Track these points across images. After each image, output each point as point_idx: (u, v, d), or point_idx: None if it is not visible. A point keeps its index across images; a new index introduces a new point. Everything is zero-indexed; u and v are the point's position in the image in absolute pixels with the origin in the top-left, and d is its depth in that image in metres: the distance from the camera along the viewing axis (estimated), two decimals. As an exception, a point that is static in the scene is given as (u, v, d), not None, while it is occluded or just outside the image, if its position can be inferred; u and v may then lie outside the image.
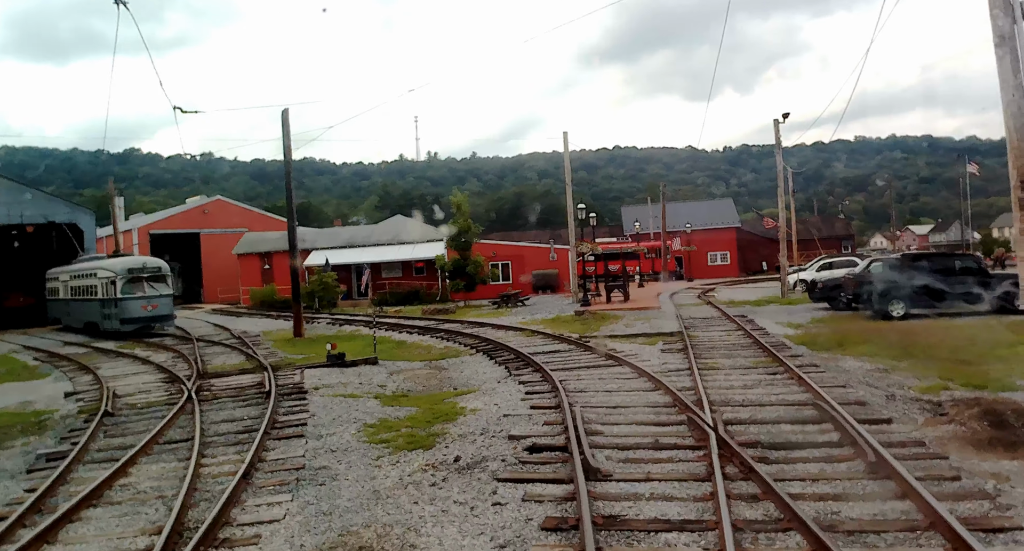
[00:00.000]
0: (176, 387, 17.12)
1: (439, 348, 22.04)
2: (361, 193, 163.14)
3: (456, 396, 14.33)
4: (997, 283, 23.44)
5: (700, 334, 20.81)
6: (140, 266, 32.18)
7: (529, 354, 17.87)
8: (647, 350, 18.27)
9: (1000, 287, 23.08)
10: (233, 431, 12.13)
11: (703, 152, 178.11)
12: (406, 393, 15.42)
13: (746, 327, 21.56)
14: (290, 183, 28.21)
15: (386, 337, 25.74)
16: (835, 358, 16.21)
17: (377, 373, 18.17)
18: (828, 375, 13.68)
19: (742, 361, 15.71)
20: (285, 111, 27.94)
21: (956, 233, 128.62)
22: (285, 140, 27.80)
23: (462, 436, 10.65)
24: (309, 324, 33.46)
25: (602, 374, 14.88)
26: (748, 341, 18.86)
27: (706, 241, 65.70)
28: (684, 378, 13.91)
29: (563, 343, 20.10)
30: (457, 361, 19.48)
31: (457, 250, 40.35)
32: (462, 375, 17.21)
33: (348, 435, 11.37)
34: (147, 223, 57.38)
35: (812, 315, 25.87)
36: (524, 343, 20.71)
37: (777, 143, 32.80)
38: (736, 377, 13.86)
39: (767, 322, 23.89)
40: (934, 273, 24.38)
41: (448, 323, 28.43)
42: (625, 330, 22.80)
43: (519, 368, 16.44)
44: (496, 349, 19.74)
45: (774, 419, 10.45)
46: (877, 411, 10.88)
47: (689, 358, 15.83)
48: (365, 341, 25.27)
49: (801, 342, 18.72)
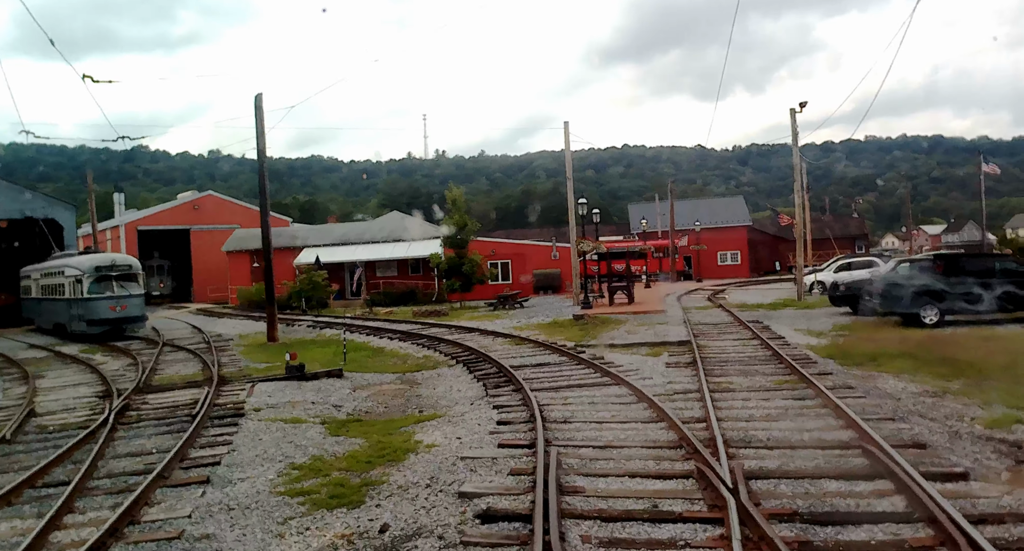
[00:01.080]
0: (105, 405, 14.67)
1: (417, 357, 19.49)
2: (368, 191, 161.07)
3: (417, 423, 11.77)
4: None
5: (711, 344, 18.19)
6: (108, 264, 29.76)
7: (513, 367, 15.32)
8: (650, 364, 15.67)
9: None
10: (129, 470, 9.63)
11: (712, 151, 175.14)
12: (361, 417, 12.88)
13: (762, 335, 18.93)
14: (263, 172, 25.75)
15: (363, 344, 23.25)
16: (871, 376, 13.58)
17: (339, 389, 15.66)
18: (869, 402, 11.05)
19: (761, 380, 13.08)
20: (258, 96, 25.51)
21: (969, 233, 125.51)
22: (258, 125, 25.35)
23: (402, 489, 8.09)
24: (289, 326, 31.05)
25: (594, 397, 12.29)
26: (766, 353, 16.24)
27: (716, 240, 62.82)
28: (693, 404, 11.31)
29: (555, 354, 17.51)
30: (433, 374, 16.94)
31: (453, 248, 37.79)
32: (433, 393, 14.67)
33: (264, 482, 8.84)
34: (135, 219, 55.00)
35: (834, 321, 23.22)
36: (511, 353, 18.15)
37: (794, 135, 30.12)
38: (756, 403, 11.25)
39: (785, 329, 21.26)
40: (971, 275, 21.73)
41: (435, 327, 25.89)
42: (627, 338, 20.19)
43: (499, 386, 13.88)
44: (478, 361, 17.18)
45: (812, 471, 7.83)
46: (944, 457, 8.26)
47: (699, 376, 13.24)
48: (350, 347, 22.78)
49: (828, 355, 16.09)
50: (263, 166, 25.62)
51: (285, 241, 47.70)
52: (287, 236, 48.76)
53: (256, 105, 25.38)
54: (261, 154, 25.40)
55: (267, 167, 25.52)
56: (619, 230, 70.34)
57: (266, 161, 25.58)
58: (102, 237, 54.32)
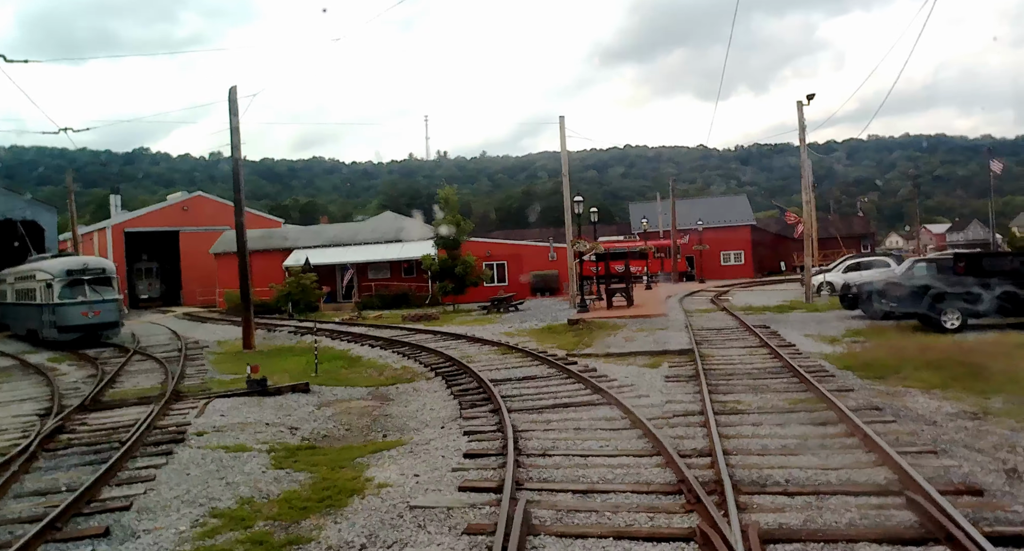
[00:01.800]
0: (41, 426, 13.04)
1: (395, 369, 17.80)
2: (369, 192, 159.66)
3: (375, 452, 10.11)
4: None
5: (715, 353, 16.50)
6: (81, 267, 28.10)
7: (494, 382, 13.66)
8: (647, 377, 13.98)
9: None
10: (24, 516, 7.99)
11: (714, 151, 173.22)
12: (316, 443, 11.22)
13: (771, 342, 17.24)
14: (239, 169, 24.10)
15: (342, 352, 21.61)
16: (897, 392, 11.89)
17: (302, 406, 14.01)
18: (903, 429, 9.35)
19: (774, 399, 11.38)
20: (232, 88, 23.88)
21: (974, 232, 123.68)
22: (232, 119, 23.73)
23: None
24: (271, 332, 29.42)
25: (580, 420, 10.60)
26: (777, 364, 14.55)
27: (719, 240, 60.96)
28: (695, 431, 9.63)
29: (543, 365, 15.82)
30: (408, 388, 15.27)
31: (446, 249, 36.12)
32: (403, 412, 13.01)
33: (171, 536, 7.18)
34: (121, 221, 53.34)
35: (846, 325, 21.51)
36: (495, 364, 16.47)
37: (801, 128, 28.38)
38: (769, 430, 9.55)
39: (795, 335, 19.56)
40: (994, 275, 20.03)
41: (421, 333, 24.21)
42: (623, 346, 18.50)
43: (475, 405, 12.22)
44: (458, 374, 15.51)
45: (846, 530, 6.14)
46: (1008, 508, 6.57)
47: (702, 393, 11.55)
48: (327, 356, 21.14)
49: (845, 366, 14.40)
50: (237, 162, 23.99)
51: (275, 243, 46.13)
52: (277, 237, 47.16)
53: (230, 98, 23.77)
54: (235, 149, 23.78)
55: (234, 162, 23.86)
56: (620, 230, 68.64)
57: (241, 157, 23.95)
58: (88, 240, 52.83)
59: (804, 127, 28.42)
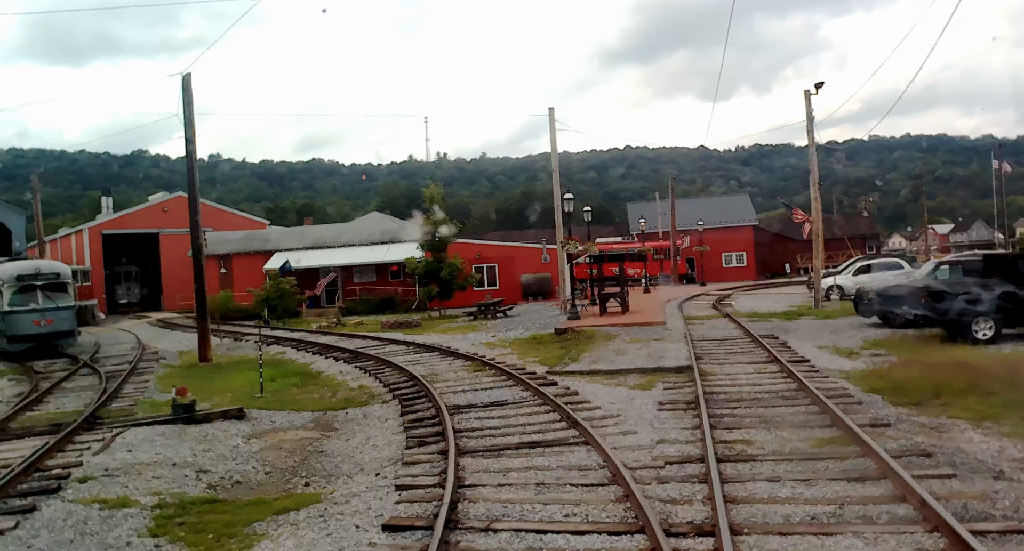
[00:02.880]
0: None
1: (351, 388, 15.45)
2: (369, 194, 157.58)
3: (282, 513, 7.78)
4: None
5: (718, 370, 14.15)
6: (32, 272, 25.82)
7: (455, 409, 11.37)
8: (637, 404, 11.64)
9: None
10: None
11: (715, 152, 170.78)
12: (219, 495, 8.91)
13: (781, 356, 14.90)
14: (193, 164, 21.82)
15: (301, 367, 19.31)
16: (943, 427, 9.55)
17: (228, 438, 11.71)
18: (968, 489, 6.96)
19: (792, 438, 9.04)
20: (187, 76, 21.60)
21: (978, 232, 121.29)
22: (186, 110, 21.47)
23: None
24: (237, 341, 27.16)
25: (546, 470, 8.24)
26: (790, 387, 12.21)
27: (720, 240, 58.47)
28: (692, 490, 7.27)
29: (517, 386, 13.47)
30: (358, 415, 12.95)
31: (431, 251, 33.78)
32: (341, 450, 10.69)
33: None
34: (99, 223, 51.02)
35: (863, 335, 19.16)
36: (463, 385, 14.13)
37: (808, 118, 26.01)
38: (792, 489, 7.18)
39: (807, 347, 17.24)
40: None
41: (393, 344, 21.86)
42: (613, 361, 16.14)
43: (424, 442, 9.89)
44: (417, 397, 13.17)
45: None
46: None
47: (702, 428, 9.23)
48: (283, 371, 18.87)
49: (872, 388, 12.05)
50: (191, 156, 21.72)
51: (257, 245, 43.82)
52: (259, 239, 44.82)
53: (184, 87, 21.49)
54: (190, 142, 21.50)
55: (188, 156, 21.58)
56: (618, 231, 66.31)
57: (195, 150, 21.68)
58: (66, 243, 50.62)
59: (812, 118, 26.10)
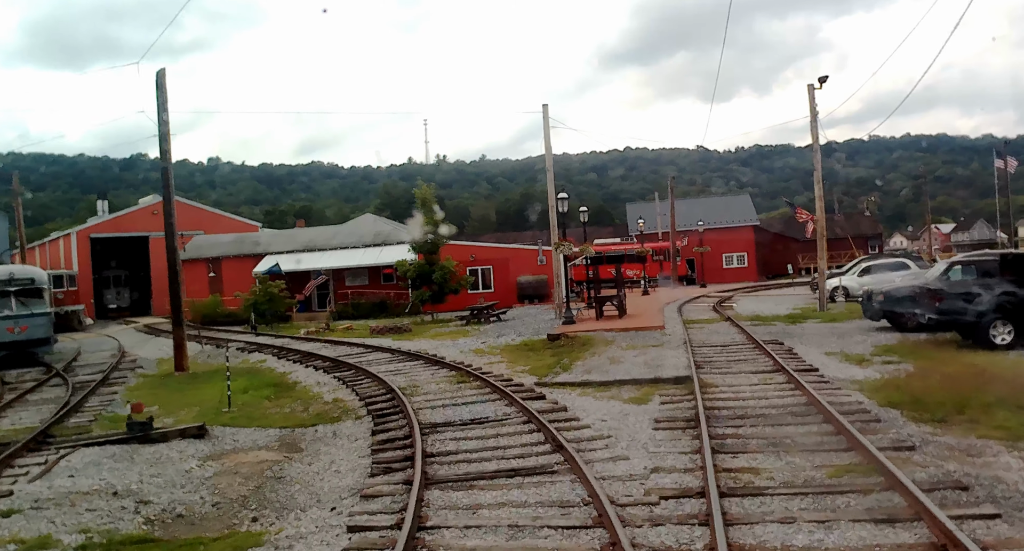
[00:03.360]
0: None
1: (325, 401, 14.32)
2: (368, 196, 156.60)
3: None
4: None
5: (719, 381, 13.03)
6: (6, 278, 24.70)
7: (430, 428, 10.30)
8: (630, 422, 10.53)
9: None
10: None
11: (715, 153, 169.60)
12: (157, 530, 7.83)
13: (787, 365, 13.78)
14: (168, 162, 20.75)
15: (278, 376, 18.20)
16: (973, 449, 8.42)
17: (183, 460, 10.63)
18: (1018, 536, 5.87)
19: (805, 465, 7.90)
20: (160, 72, 20.54)
21: (979, 232, 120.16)
22: (160, 107, 20.41)
23: None
24: (219, 349, 25.99)
25: (523, 507, 7.12)
26: (800, 400, 11.10)
27: (721, 241, 57.25)
28: (691, 535, 6.14)
29: (502, 400, 12.34)
30: (327, 433, 11.83)
31: (423, 253, 32.67)
32: (300, 475, 9.58)
33: None
34: (87, 226, 49.91)
35: (872, 340, 18.03)
36: (443, 398, 13.00)
37: (812, 113, 24.90)
38: (809, 534, 6.05)
39: (814, 353, 16.13)
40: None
41: (378, 352, 20.72)
42: (607, 370, 15.02)
43: (390, 468, 8.78)
44: (393, 413, 12.06)
45: None
46: None
47: (702, 453, 8.13)
48: (258, 381, 17.77)
49: (889, 401, 10.93)
50: (166, 155, 20.62)
51: (247, 248, 42.68)
52: (249, 242, 43.66)
53: (158, 83, 20.42)
54: (164, 140, 20.41)
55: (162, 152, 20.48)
56: (617, 232, 65.17)
57: (170, 149, 20.58)
58: (54, 247, 49.58)
59: (816, 114, 24.97)
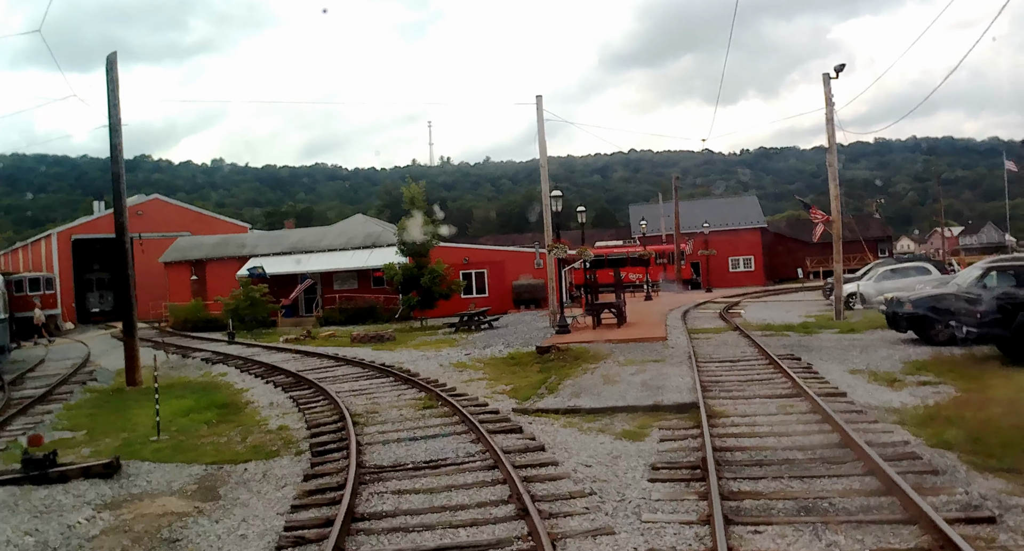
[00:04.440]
0: None
1: (268, 429, 12.16)
2: (372, 198, 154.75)
3: None
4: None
5: (731, 409, 10.87)
6: (-49, 282, 22.82)
7: (371, 474, 8.19)
8: (621, 469, 8.39)
9: None
10: None
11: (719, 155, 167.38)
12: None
13: (809, 388, 11.62)
14: (119, 154, 18.72)
15: (233, 394, 16.11)
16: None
17: (72, 511, 8.56)
18: None
19: (853, 547, 5.79)
20: (112, 56, 18.52)
21: (988, 235, 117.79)
22: (111, 93, 18.40)
23: None
24: (185, 359, 23.98)
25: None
26: (832, 438, 8.95)
27: (727, 244, 54.96)
28: None
29: (467, 435, 10.20)
30: (256, 474, 9.70)
31: (412, 256, 30.57)
32: (200, 540, 7.45)
33: None
34: (68, 227, 47.92)
35: (900, 355, 15.87)
36: (404, 428, 10.87)
37: (827, 103, 22.74)
38: None
39: (837, 371, 13.98)
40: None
41: (347, 366, 18.57)
42: (599, 393, 12.84)
43: (303, 540, 6.67)
44: (337, 449, 9.95)
45: None
46: None
47: (712, 523, 6.01)
48: (207, 400, 15.62)
49: (941, 441, 8.76)
50: (117, 149, 18.61)
51: (232, 250, 40.64)
52: (234, 244, 41.59)
53: (108, 66, 18.40)
54: (115, 131, 18.40)
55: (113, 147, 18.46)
56: (620, 235, 62.99)
57: (121, 142, 18.56)
58: (35, 249, 47.66)
59: (832, 103, 22.81)
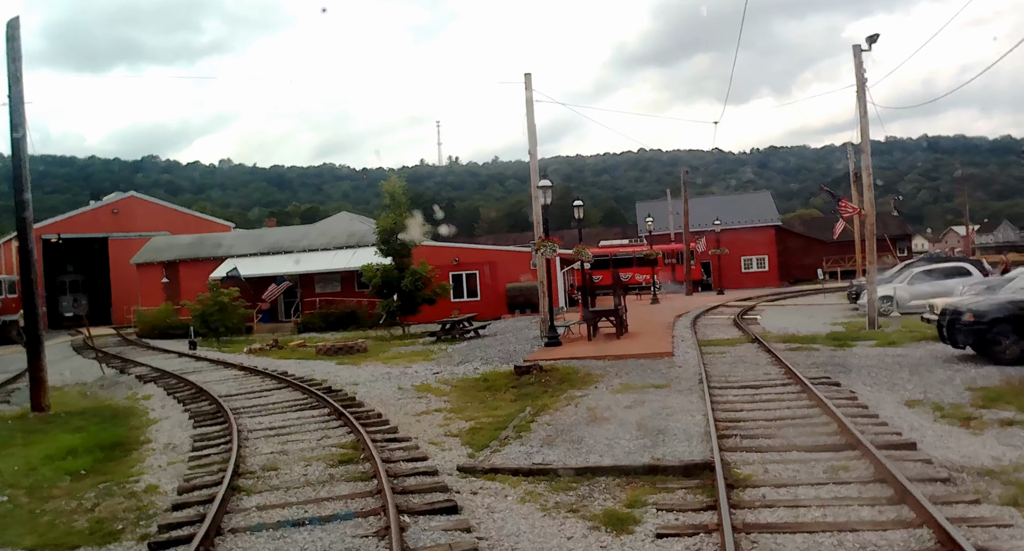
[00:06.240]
0: None
1: (136, 489, 8.93)
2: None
3: None
4: None
5: (760, 476, 7.62)
6: None
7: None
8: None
9: None
10: None
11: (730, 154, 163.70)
12: None
13: (863, 435, 8.40)
14: (23, 145, 15.64)
15: (136, 428, 12.95)
16: None
17: None
18: None
19: None
20: (13, 21, 15.45)
21: (1004, 234, 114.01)
22: (11, 64, 15.34)
23: None
24: (122, 374, 20.87)
25: None
26: (919, 535, 5.74)
27: (739, 242, 51.21)
28: None
29: (378, 519, 7.01)
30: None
31: (392, 256, 27.44)
32: None
33: None
34: (39, 226, 45.05)
35: (961, 377, 12.60)
36: (295, 500, 7.63)
37: (859, 81, 19.44)
38: None
39: (889, 403, 10.75)
40: None
41: (287, 389, 15.35)
42: (580, 441, 9.59)
43: None
44: (184, 535, 6.79)
45: None
46: None
47: None
48: (96, 438, 12.51)
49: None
50: (22, 143, 15.53)
51: (206, 250, 37.62)
52: (209, 244, 38.55)
53: (9, 36, 15.33)
54: (15, 111, 15.33)
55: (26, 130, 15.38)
56: (627, 234, 59.69)
57: (25, 122, 15.49)
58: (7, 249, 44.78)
59: (864, 81, 19.51)
